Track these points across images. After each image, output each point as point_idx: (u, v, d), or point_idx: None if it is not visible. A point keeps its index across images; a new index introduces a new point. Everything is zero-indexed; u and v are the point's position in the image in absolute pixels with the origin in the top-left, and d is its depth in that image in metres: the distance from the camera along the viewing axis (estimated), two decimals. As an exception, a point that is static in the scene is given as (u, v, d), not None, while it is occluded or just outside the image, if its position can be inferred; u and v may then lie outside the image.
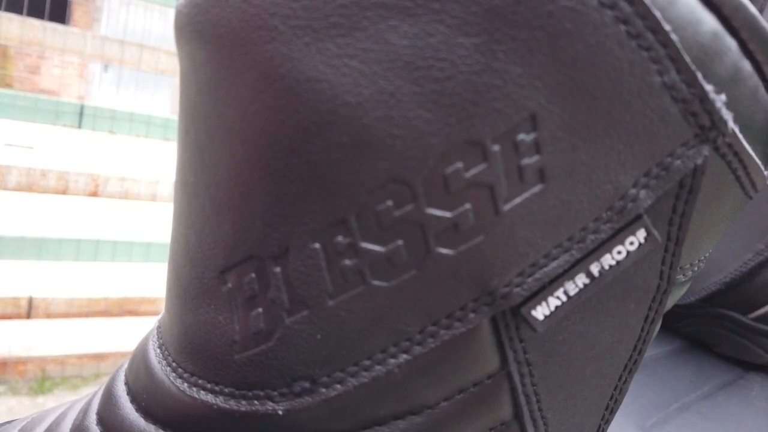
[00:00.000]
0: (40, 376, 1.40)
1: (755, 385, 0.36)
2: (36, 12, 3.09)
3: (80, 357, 1.45)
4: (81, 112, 1.40)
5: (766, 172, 0.13)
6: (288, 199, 0.12)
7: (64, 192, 1.45)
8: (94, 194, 1.48)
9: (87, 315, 1.54)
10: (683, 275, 0.14)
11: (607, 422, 0.15)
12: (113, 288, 1.84)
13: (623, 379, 0.14)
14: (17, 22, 1.27)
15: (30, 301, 1.50)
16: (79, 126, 1.41)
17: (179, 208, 0.14)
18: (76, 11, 5.44)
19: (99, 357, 1.46)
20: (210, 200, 0.13)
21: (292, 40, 0.11)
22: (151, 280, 2.02)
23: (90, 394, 0.16)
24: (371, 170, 0.11)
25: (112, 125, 1.45)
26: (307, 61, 0.11)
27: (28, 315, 1.48)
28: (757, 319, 0.35)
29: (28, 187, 1.40)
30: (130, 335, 1.53)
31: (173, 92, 5.99)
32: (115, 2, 5.44)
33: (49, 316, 1.50)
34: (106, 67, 5.48)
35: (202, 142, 0.13)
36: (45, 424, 0.16)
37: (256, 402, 0.12)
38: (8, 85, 5.36)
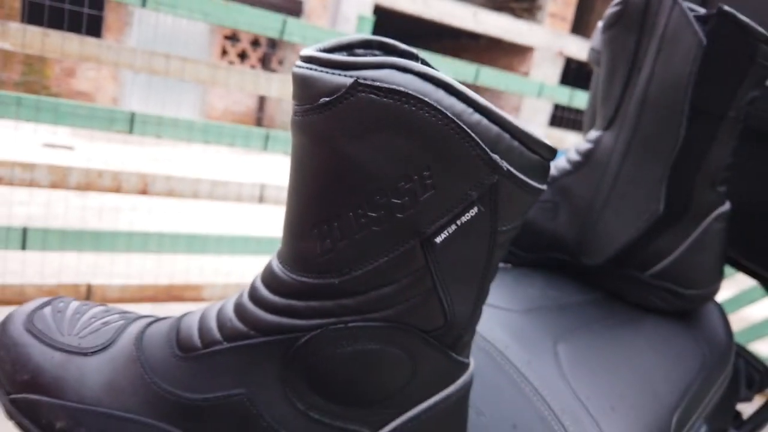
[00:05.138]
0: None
1: (648, 323, 0.49)
2: (74, 24, 3.28)
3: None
4: (132, 119, 1.57)
5: (539, 185, 0.27)
6: (339, 196, 0.26)
7: (117, 190, 1.62)
8: (144, 192, 1.65)
9: (138, 300, 1.71)
10: (504, 228, 0.28)
11: (481, 301, 0.30)
12: (160, 276, 2.02)
13: (486, 273, 0.29)
14: (75, 39, 1.44)
15: (88, 287, 1.68)
16: (131, 131, 1.57)
17: (291, 196, 0.29)
18: (110, 17, 5.66)
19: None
20: (305, 195, 0.28)
21: (340, 139, 0.25)
22: (194, 269, 2.19)
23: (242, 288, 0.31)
24: (372, 186, 0.26)
25: (159, 130, 1.61)
26: (344, 147, 0.25)
27: (87, 300, 1.66)
28: (652, 276, 0.50)
29: (87, 186, 1.58)
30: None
31: (198, 96, 6.16)
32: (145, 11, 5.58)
33: (105, 301, 1.68)
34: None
35: (301, 170, 0.28)
36: (216, 307, 0.31)
37: (326, 279, 0.27)
38: (46, 87, 5.60)
